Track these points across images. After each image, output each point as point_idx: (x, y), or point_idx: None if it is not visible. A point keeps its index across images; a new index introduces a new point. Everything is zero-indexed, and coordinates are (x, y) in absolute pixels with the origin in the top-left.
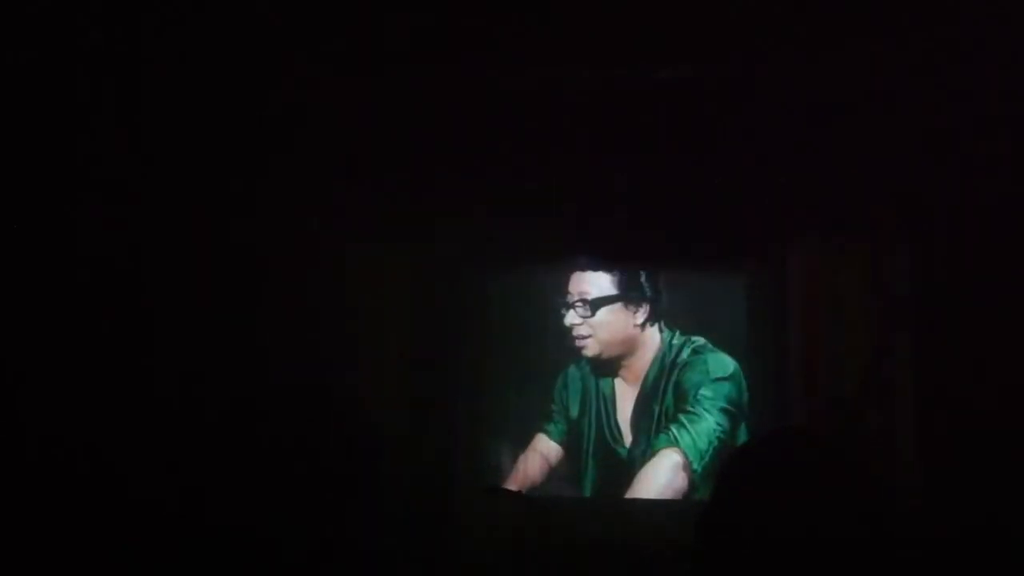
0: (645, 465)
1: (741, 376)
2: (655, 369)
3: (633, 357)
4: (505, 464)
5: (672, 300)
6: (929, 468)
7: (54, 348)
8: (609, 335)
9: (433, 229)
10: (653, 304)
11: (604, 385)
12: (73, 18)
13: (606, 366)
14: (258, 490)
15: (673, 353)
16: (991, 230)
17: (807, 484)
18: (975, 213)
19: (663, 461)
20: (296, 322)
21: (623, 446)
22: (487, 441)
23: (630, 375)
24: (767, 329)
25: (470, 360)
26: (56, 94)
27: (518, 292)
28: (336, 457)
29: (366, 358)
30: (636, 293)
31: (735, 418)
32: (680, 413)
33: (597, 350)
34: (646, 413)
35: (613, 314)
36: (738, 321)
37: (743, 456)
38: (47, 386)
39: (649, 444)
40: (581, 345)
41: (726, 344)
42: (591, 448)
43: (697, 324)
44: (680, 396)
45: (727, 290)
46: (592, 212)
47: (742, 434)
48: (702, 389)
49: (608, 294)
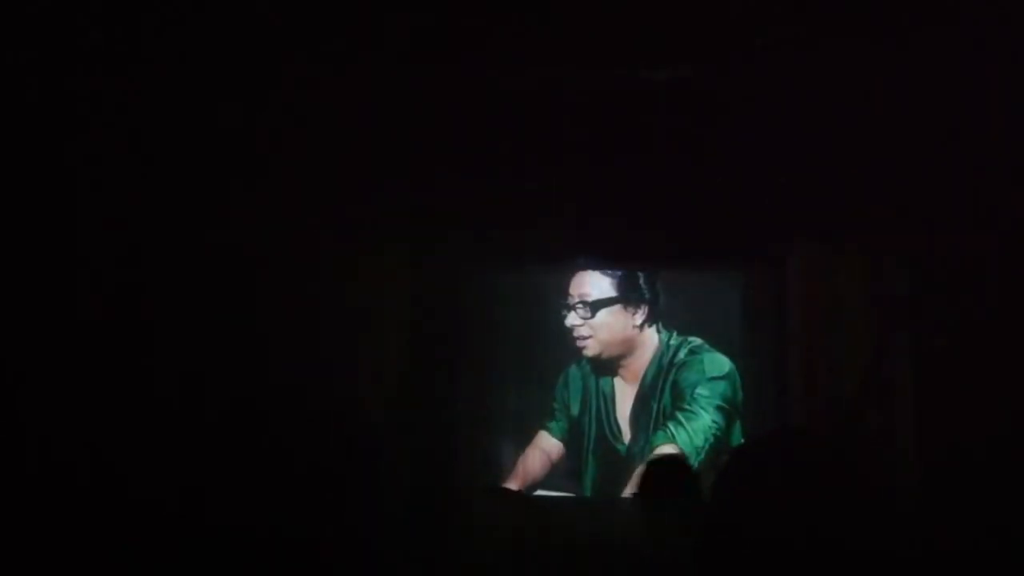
0: (644, 461)
1: (736, 375)
2: (653, 368)
3: (632, 357)
4: (507, 461)
5: (670, 301)
6: (929, 468)
7: (54, 348)
8: (609, 336)
9: (433, 229)
10: (651, 306)
11: (604, 384)
12: (73, 18)
13: (606, 366)
14: (258, 490)
15: (671, 353)
16: (991, 230)
17: (807, 484)
18: (974, 213)
19: None
20: (296, 322)
21: (622, 443)
22: (489, 439)
23: (629, 374)
24: (763, 329)
25: (471, 360)
26: (56, 94)
27: (519, 293)
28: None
29: (366, 358)
30: (635, 295)
31: (730, 416)
32: (677, 411)
33: (597, 350)
34: (645, 411)
35: (612, 315)
36: (734, 321)
37: (743, 456)
38: (47, 386)
39: (647, 441)
40: (582, 345)
41: (723, 344)
42: (591, 445)
43: (694, 325)
44: (677, 395)
45: (725, 291)
46: (592, 213)
47: (737, 431)
48: (698, 388)
49: (608, 296)
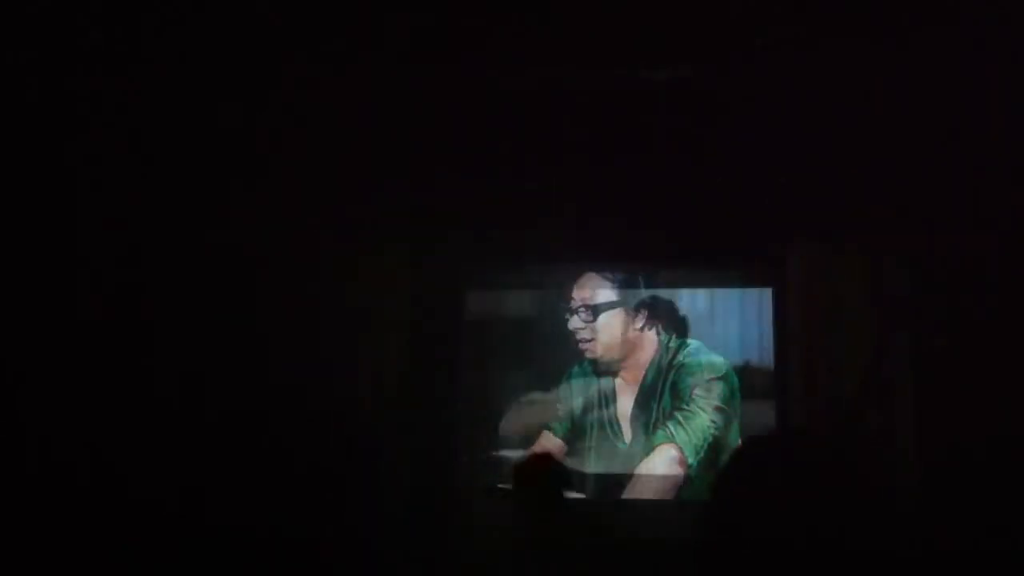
0: (644, 459)
1: (734, 376)
2: (653, 370)
3: (633, 359)
4: (511, 460)
5: (670, 304)
6: (929, 468)
7: (54, 348)
8: (610, 338)
9: (433, 229)
10: (651, 309)
11: (605, 385)
12: (73, 18)
13: (607, 367)
14: (258, 490)
15: (670, 355)
16: (991, 230)
17: (807, 484)
18: (974, 213)
19: (660, 455)
20: (296, 322)
21: (623, 441)
22: (493, 438)
23: (630, 376)
24: (761, 330)
25: (473, 360)
26: (56, 94)
27: (520, 293)
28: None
29: (366, 358)
30: (635, 298)
31: (728, 416)
32: (676, 411)
33: (599, 352)
34: (645, 411)
35: (614, 319)
36: (732, 323)
37: (743, 456)
38: (47, 386)
39: (648, 440)
40: (584, 348)
41: (720, 346)
42: (593, 444)
43: (693, 327)
44: (676, 395)
45: (725, 292)
46: (592, 213)
47: (735, 431)
48: (697, 389)
49: (609, 300)
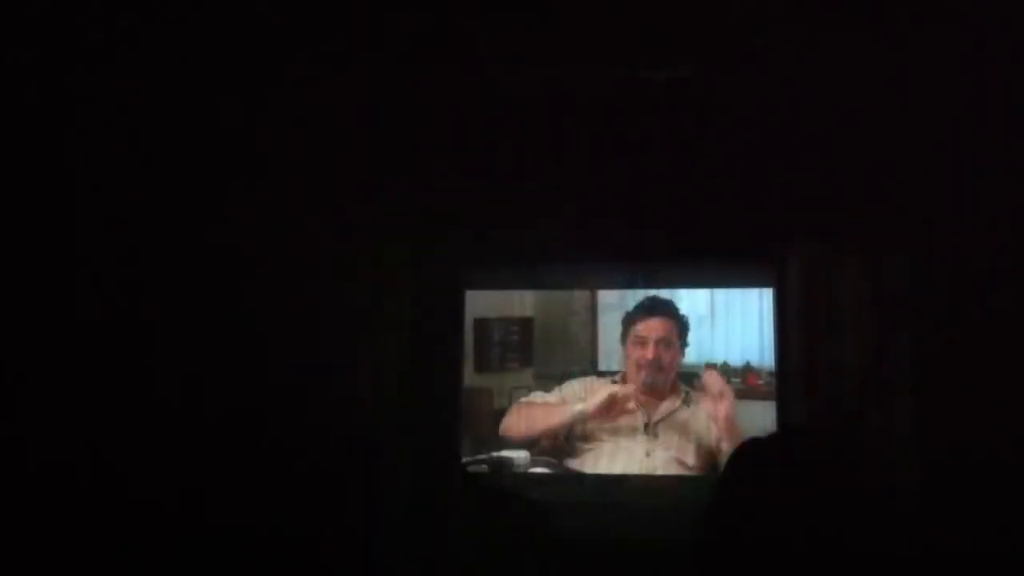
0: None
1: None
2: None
3: None
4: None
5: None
6: (929, 468)
7: (54, 348)
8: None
9: (433, 229)
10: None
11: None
12: (73, 18)
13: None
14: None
15: None
16: (991, 230)
17: (807, 484)
18: (974, 213)
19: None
20: (296, 323)
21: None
22: (494, 439)
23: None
24: (762, 330)
25: (473, 361)
26: (56, 94)
27: (522, 295)
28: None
29: (366, 358)
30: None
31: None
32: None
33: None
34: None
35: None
36: (733, 323)
37: (744, 456)
38: (46, 386)
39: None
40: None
41: (721, 346)
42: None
43: (694, 327)
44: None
45: (725, 292)
46: (592, 212)
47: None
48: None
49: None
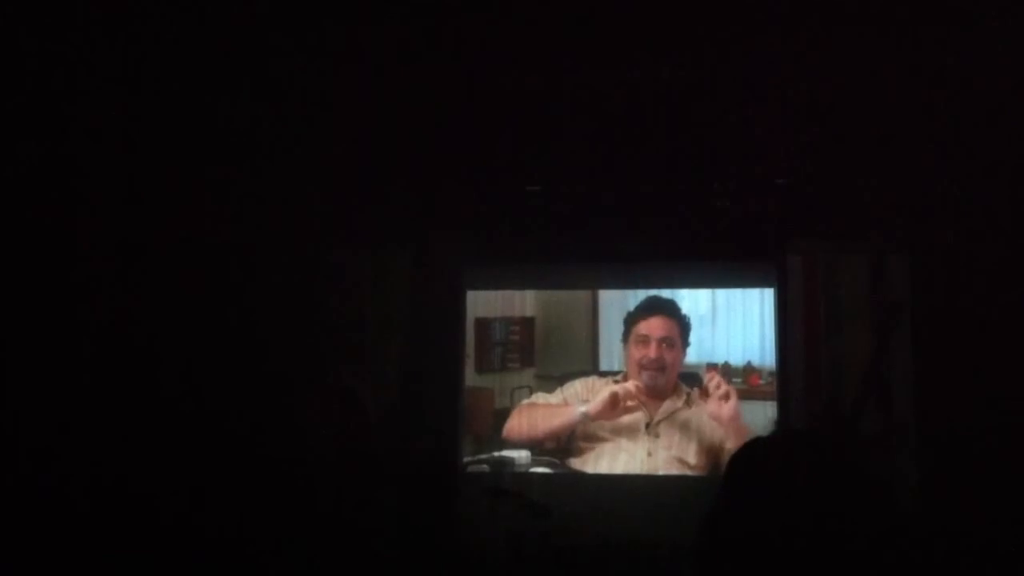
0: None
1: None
2: None
3: None
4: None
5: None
6: (929, 468)
7: (53, 348)
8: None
9: (433, 229)
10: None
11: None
12: (73, 18)
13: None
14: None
15: None
16: (991, 229)
17: (808, 484)
18: (974, 212)
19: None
20: (296, 323)
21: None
22: (494, 439)
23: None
24: (762, 330)
25: (474, 361)
26: (55, 94)
27: (522, 295)
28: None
29: (366, 358)
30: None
31: None
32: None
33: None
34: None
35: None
36: (733, 324)
37: (747, 457)
38: (46, 386)
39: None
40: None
41: (722, 346)
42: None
43: (695, 328)
44: None
45: (725, 293)
46: (591, 213)
47: None
48: None
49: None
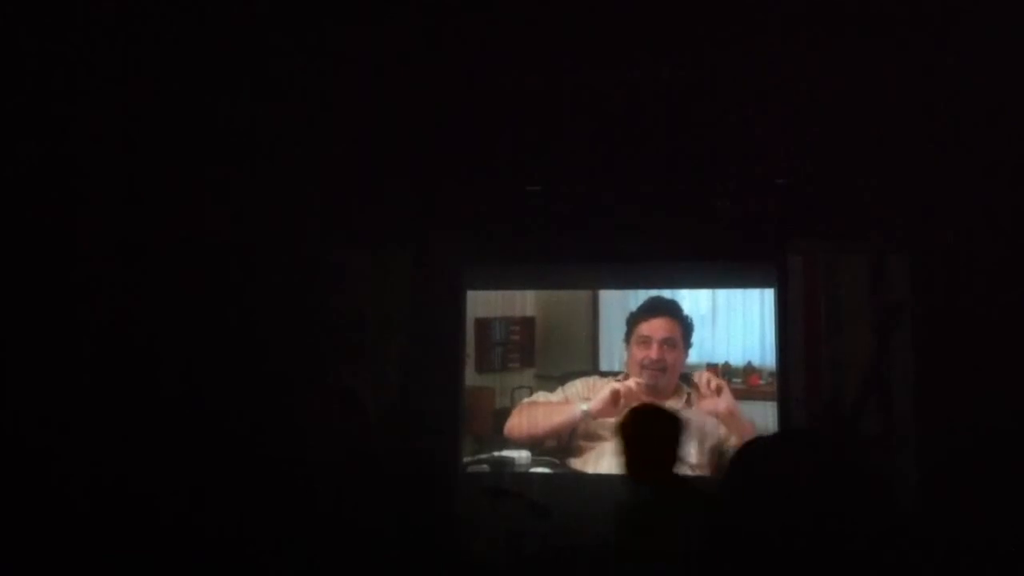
0: None
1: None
2: None
3: None
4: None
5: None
6: (929, 468)
7: (53, 348)
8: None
9: (433, 229)
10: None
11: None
12: (73, 18)
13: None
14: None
15: None
16: (991, 230)
17: (808, 484)
18: (974, 212)
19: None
20: (296, 323)
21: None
22: (494, 438)
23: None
24: (763, 330)
25: (474, 360)
26: (55, 94)
27: (522, 295)
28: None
29: (366, 358)
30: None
31: None
32: None
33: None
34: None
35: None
36: (734, 324)
37: (747, 457)
38: (45, 386)
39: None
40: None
41: (722, 346)
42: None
43: (695, 328)
44: None
45: (726, 293)
46: (592, 213)
47: None
48: None
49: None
